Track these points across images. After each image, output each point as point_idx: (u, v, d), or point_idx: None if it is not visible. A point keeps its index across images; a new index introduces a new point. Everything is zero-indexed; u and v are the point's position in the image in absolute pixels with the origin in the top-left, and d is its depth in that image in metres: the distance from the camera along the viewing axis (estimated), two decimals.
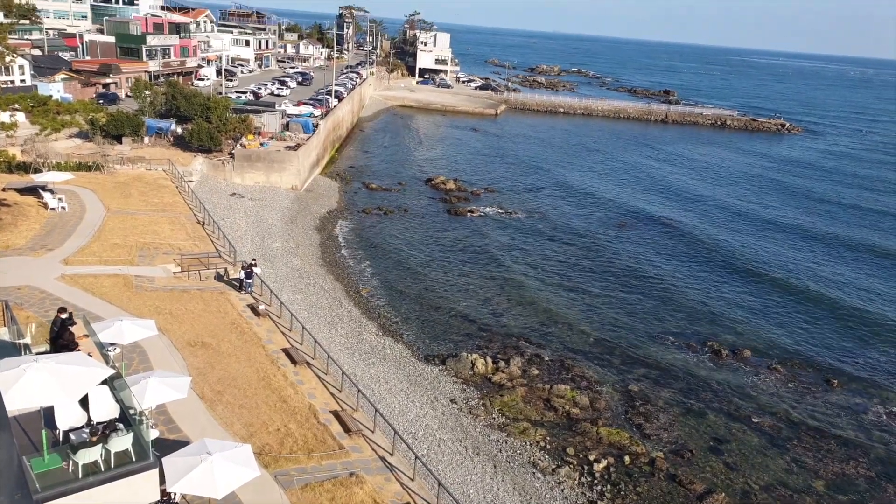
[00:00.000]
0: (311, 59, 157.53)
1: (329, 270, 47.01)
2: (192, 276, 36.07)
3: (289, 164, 61.52)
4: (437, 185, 73.22)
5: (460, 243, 56.38)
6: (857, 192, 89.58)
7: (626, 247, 59.25)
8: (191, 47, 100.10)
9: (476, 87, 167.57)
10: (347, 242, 53.75)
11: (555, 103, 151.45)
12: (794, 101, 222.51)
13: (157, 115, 65.70)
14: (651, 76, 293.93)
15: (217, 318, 31.70)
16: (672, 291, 50.05)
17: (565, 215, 67.38)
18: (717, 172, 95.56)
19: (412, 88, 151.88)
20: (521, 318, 43.29)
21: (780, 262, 58.43)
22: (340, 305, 41.16)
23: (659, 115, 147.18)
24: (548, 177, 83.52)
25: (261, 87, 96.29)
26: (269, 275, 40.84)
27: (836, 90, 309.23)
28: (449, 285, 47.41)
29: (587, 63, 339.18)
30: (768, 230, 67.87)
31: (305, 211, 58.09)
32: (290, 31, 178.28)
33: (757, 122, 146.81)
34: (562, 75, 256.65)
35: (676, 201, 76.92)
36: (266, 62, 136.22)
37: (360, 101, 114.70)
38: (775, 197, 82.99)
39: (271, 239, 48.93)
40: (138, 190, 49.20)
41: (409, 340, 38.75)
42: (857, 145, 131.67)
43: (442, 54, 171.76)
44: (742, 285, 52.43)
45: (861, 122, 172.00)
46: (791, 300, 50.25)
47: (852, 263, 59.83)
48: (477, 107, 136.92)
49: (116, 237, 39.63)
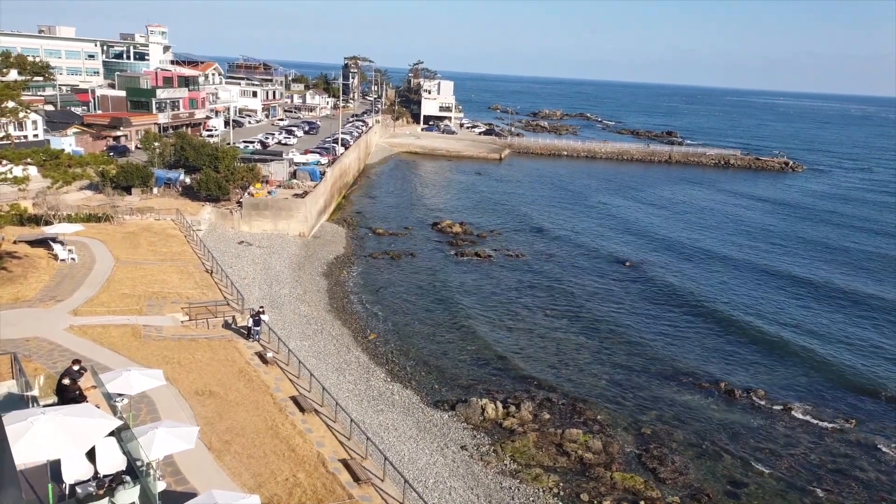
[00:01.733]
0: (318, 109, 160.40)
1: (337, 316, 46.92)
2: (201, 325, 36.04)
3: (296, 211, 62.09)
4: (443, 229, 73.59)
5: (468, 286, 56.31)
6: (866, 235, 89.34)
7: (635, 287, 59.01)
8: (199, 99, 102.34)
9: (480, 132, 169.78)
10: (355, 287, 53.78)
11: (558, 146, 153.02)
12: (796, 140, 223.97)
13: (165, 166, 66.78)
14: (653, 118, 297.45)
15: (225, 366, 31.54)
16: (682, 332, 49.59)
17: (572, 256, 67.37)
18: (723, 213, 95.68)
19: (417, 135, 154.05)
20: (531, 360, 42.87)
21: (790, 304, 57.97)
22: (348, 351, 40.94)
23: (662, 155, 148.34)
24: (553, 219, 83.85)
25: (268, 137, 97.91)
26: (277, 322, 40.76)
27: (838, 128, 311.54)
28: (457, 329, 47.16)
29: (589, 107, 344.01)
30: (779, 272, 67.27)
31: (313, 257, 58.34)
32: (296, 82, 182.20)
33: (761, 161, 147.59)
34: (564, 119, 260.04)
35: (684, 242, 76.83)
36: (273, 112, 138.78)
37: (366, 149, 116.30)
38: (784, 238, 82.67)
39: (279, 286, 49.03)
40: (147, 240, 49.63)
41: (418, 386, 38.35)
42: (864, 183, 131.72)
43: (446, 101, 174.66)
44: (752, 326, 51.86)
45: (866, 160, 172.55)
46: (803, 340, 49.62)
47: (865, 305, 59.15)
48: (481, 151, 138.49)
49: (125, 287, 39.80)
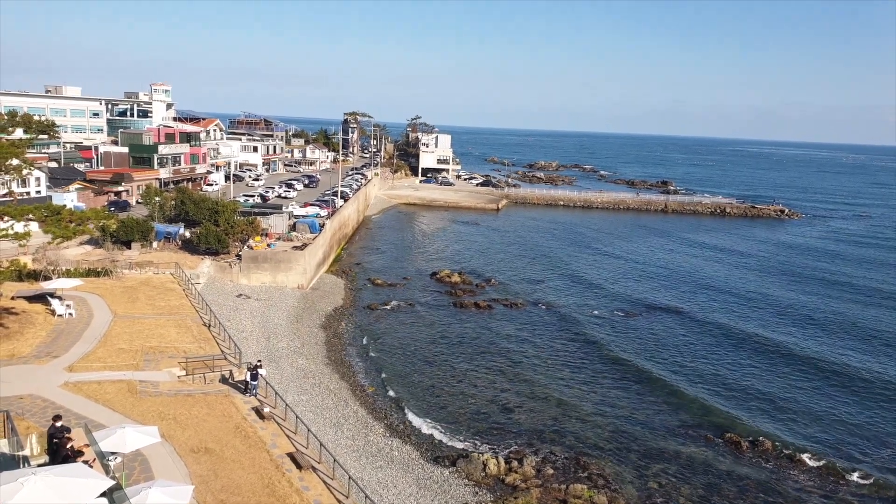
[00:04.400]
0: (318, 163, 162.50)
1: (335, 369, 46.38)
2: (197, 380, 35.61)
3: (295, 263, 62.16)
4: (442, 279, 73.52)
5: (467, 337, 55.88)
6: (866, 277, 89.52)
7: (635, 337, 58.59)
8: (200, 154, 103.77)
9: (477, 183, 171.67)
10: (353, 340, 53.35)
11: (554, 197, 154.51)
12: (791, 188, 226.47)
13: (166, 220, 67.18)
14: (647, 168, 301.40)
15: (221, 422, 31.00)
16: (685, 381, 48.98)
17: (571, 306, 67.11)
18: (721, 260, 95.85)
19: (415, 187, 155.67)
20: (532, 413, 42.18)
21: (794, 351, 57.49)
22: (346, 405, 40.31)
23: (658, 205, 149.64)
24: (551, 268, 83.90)
25: (268, 191, 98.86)
26: (275, 376, 40.28)
27: (831, 176, 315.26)
28: (457, 381, 46.56)
29: (584, 158, 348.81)
30: (780, 318, 67.03)
31: (311, 309, 58.08)
32: (297, 137, 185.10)
33: (757, 209, 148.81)
34: (560, 170, 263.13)
35: (682, 291, 76.70)
36: (273, 166, 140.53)
37: (365, 201, 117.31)
38: (783, 284, 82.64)
39: (277, 339, 48.64)
40: (145, 294, 49.51)
41: (418, 441, 37.60)
42: (861, 230, 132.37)
43: (443, 154, 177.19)
44: (756, 375, 51.32)
45: (861, 207, 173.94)
46: (809, 388, 49.03)
47: (870, 350, 58.73)
48: (479, 202, 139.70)
49: (122, 342, 39.48)
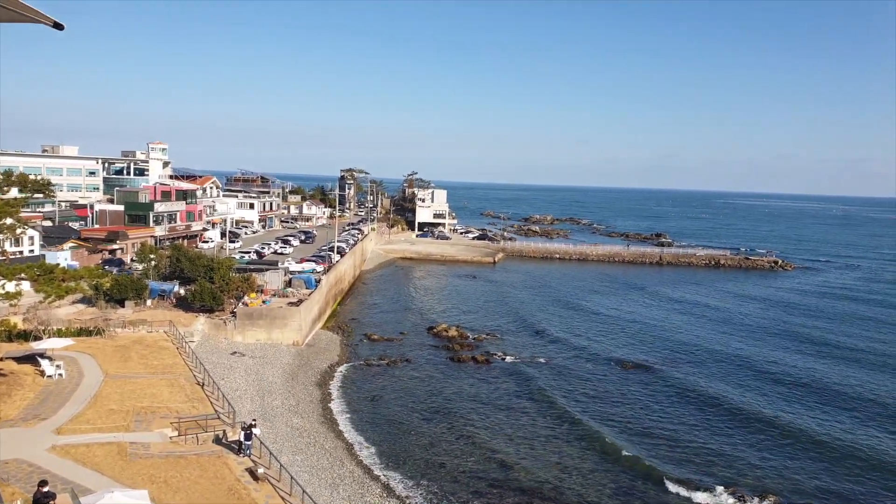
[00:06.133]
0: (314, 219, 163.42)
1: (330, 428, 45.44)
2: (190, 440, 34.74)
3: (290, 319, 61.67)
4: (439, 333, 72.91)
5: (465, 392, 55.01)
6: (859, 331, 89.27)
7: (634, 389, 57.78)
8: (196, 212, 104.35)
9: (473, 237, 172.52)
10: (349, 397, 52.44)
11: (550, 250, 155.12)
12: (784, 239, 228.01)
13: (160, 278, 66.92)
14: (641, 221, 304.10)
15: (214, 484, 30.09)
16: (685, 433, 48.09)
17: (570, 359, 66.41)
18: (717, 313, 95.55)
19: (412, 241, 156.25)
20: (532, 470, 41.15)
21: (795, 403, 56.75)
22: (342, 465, 39.30)
23: (653, 257, 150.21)
24: (548, 321, 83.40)
25: (264, 247, 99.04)
26: (269, 435, 39.41)
27: (823, 227, 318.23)
28: (455, 438, 45.57)
29: (578, 212, 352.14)
30: (774, 374, 66.00)
31: (307, 366, 57.31)
32: (293, 194, 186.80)
33: (751, 261, 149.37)
34: (555, 224, 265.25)
35: (681, 342, 76.16)
36: (270, 223, 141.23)
37: (361, 255, 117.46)
38: (768, 343, 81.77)
39: (271, 397, 47.79)
40: (138, 353, 48.84)
41: (415, 501, 36.57)
42: (851, 281, 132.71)
43: (440, 209, 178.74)
44: (756, 430, 50.42)
45: (851, 258, 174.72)
46: (807, 443, 48.10)
47: (862, 405, 57.88)
48: (475, 256, 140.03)
49: (113, 402, 38.68)
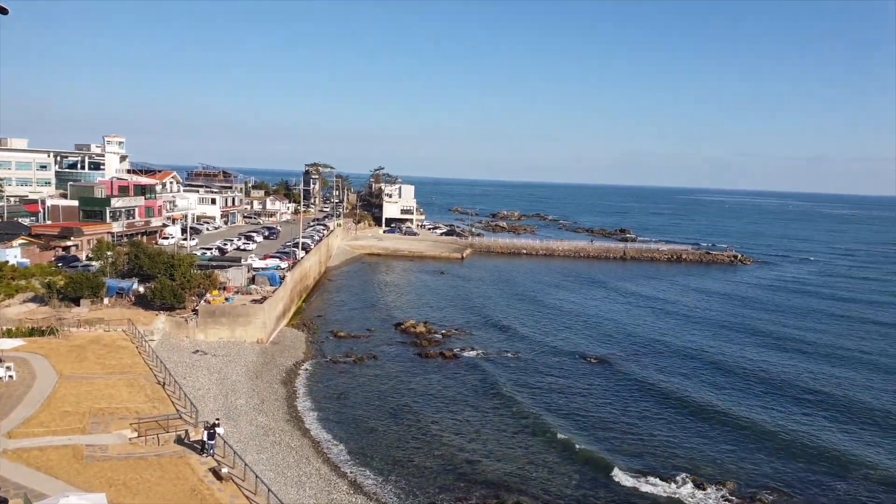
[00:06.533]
0: (279, 214, 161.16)
1: (296, 426, 44.82)
2: (150, 441, 33.83)
3: (254, 317, 60.64)
4: (406, 329, 72.56)
5: (433, 388, 54.85)
6: (811, 324, 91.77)
7: (598, 382, 58.36)
8: (156, 207, 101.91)
9: (441, 233, 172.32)
10: (315, 394, 51.81)
11: (517, 245, 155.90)
12: (743, 234, 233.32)
13: (118, 275, 65.10)
14: (606, 217, 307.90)
15: (176, 485, 29.35)
16: (647, 424, 48.81)
17: (537, 353, 66.77)
18: (678, 308, 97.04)
19: (379, 237, 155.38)
20: (499, 462, 41.25)
21: (752, 393, 58.01)
22: (308, 463, 38.80)
23: (617, 252, 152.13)
24: (515, 317, 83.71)
25: (226, 243, 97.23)
26: (233, 434, 38.68)
27: (780, 223, 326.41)
28: (422, 433, 45.38)
29: (545, 207, 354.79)
30: (730, 367, 66.67)
31: (271, 364, 56.43)
32: (257, 189, 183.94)
33: (711, 255, 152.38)
34: (522, 219, 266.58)
35: (644, 336, 77.21)
36: (233, 218, 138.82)
37: (327, 252, 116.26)
38: (734, 331, 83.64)
39: (235, 396, 46.93)
40: (95, 353, 47.40)
41: (383, 497, 36.37)
42: (806, 275, 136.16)
43: (407, 204, 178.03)
44: (716, 415, 51.40)
45: (806, 252, 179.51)
46: (765, 426, 49.23)
47: (812, 396, 59.32)
48: (443, 251, 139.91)
49: (68, 404, 37.46)
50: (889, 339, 78.35)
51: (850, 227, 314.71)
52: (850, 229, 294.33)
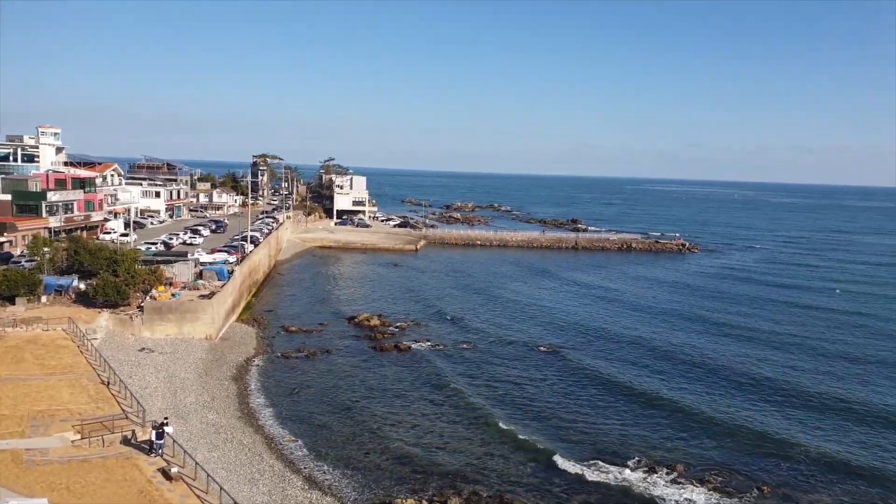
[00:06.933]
0: (226, 207, 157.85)
1: (248, 422, 44.02)
2: (95, 443, 32.70)
3: (202, 313, 59.20)
4: (360, 323, 72.01)
5: (387, 380, 54.64)
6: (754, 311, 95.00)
7: (552, 371, 59.15)
8: (96, 201, 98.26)
9: (395, 225, 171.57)
10: (267, 390, 50.96)
11: (471, 237, 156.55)
12: (691, 223, 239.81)
13: (56, 272, 62.54)
14: (558, 207, 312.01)
15: (122, 487, 28.46)
16: (599, 412, 49.78)
17: (492, 344, 67.23)
18: (627, 297, 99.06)
19: (331, 229, 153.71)
20: (456, 453, 41.41)
21: (693, 385, 59.62)
22: (262, 459, 38.17)
23: (569, 242, 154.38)
24: (470, 308, 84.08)
25: (172, 238, 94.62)
26: (183, 433, 37.77)
27: (726, 212, 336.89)
28: (378, 426, 45.18)
29: (498, 199, 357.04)
30: (676, 355, 67.93)
31: (221, 360, 55.24)
32: (202, 181, 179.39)
33: (660, 244, 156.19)
34: (476, 210, 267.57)
35: (595, 325, 78.61)
36: (178, 212, 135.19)
37: (277, 245, 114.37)
38: (682, 319, 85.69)
39: (184, 393, 45.80)
40: (33, 353, 45.50)
41: (339, 492, 36.05)
42: (754, 263, 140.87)
43: (359, 196, 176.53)
44: (664, 401, 52.76)
45: (750, 240, 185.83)
46: (709, 412, 50.81)
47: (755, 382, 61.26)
48: (397, 243, 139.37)
49: (4, 407, 35.87)
50: (827, 324, 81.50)
51: (791, 215, 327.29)
52: (792, 217, 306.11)
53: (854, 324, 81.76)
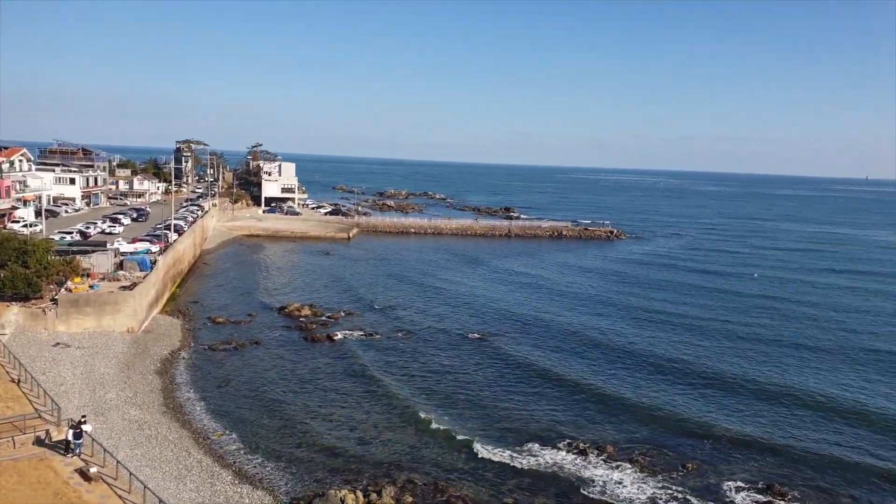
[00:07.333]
0: (147, 195, 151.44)
1: (174, 417, 42.48)
2: (4, 445, 30.83)
3: (123, 305, 56.61)
4: (291, 313, 70.59)
5: (320, 371, 53.86)
6: (678, 296, 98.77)
7: (484, 358, 59.69)
8: (3, 188, 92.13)
9: (326, 212, 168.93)
10: (194, 384, 49.30)
11: (405, 224, 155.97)
12: (620, 210, 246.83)
13: None
14: (492, 195, 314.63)
15: (36, 490, 26.94)
16: (531, 397, 50.68)
17: (425, 332, 67.25)
18: (556, 284, 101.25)
19: (259, 217, 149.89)
20: (390, 443, 41.30)
21: (617, 370, 61.57)
22: (189, 455, 36.94)
23: (503, 230, 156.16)
24: (405, 296, 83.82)
25: (89, 227, 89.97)
26: (103, 431, 36.17)
27: (652, 199, 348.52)
28: (310, 418, 44.50)
29: (432, 186, 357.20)
30: (601, 342, 70.55)
31: (144, 354, 53.04)
32: (122, 167, 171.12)
33: (590, 231, 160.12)
34: (410, 198, 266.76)
35: (525, 312, 79.86)
36: (96, 200, 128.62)
37: (202, 234, 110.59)
38: (609, 306, 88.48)
39: (104, 389, 43.75)
40: None
41: (270, 485, 35.33)
42: (679, 250, 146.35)
43: (288, 183, 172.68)
44: (591, 386, 54.25)
45: (677, 227, 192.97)
46: (633, 395, 52.65)
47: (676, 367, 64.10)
48: (328, 232, 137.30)
49: None
50: (745, 309, 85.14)
51: (714, 202, 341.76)
52: (714, 205, 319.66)
53: (769, 307, 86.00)
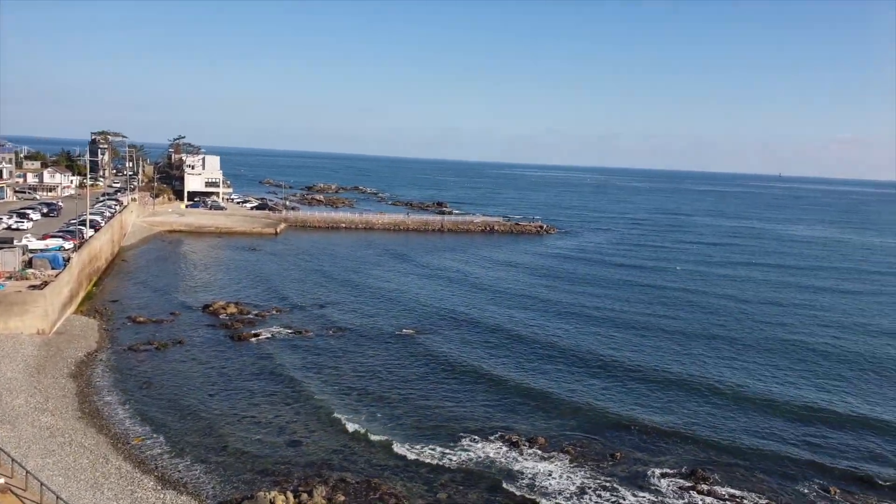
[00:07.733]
0: (60, 189, 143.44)
1: (90, 423, 40.43)
2: None
3: (32, 305, 53.39)
4: (216, 311, 68.40)
5: (247, 371, 52.44)
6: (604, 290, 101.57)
7: (414, 358, 59.23)
8: None
9: (252, 207, 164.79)
10: (112, 387, 47.06)
11: (335, 219, 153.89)
12: (548, 206, 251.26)
13: None
14: (424, 190, 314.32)
15: None
16: (462, 393, 51.09)
17: (355, 329, 66.54)
18: (485, 280, 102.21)
19: (181, 212, 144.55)
20: (320, 442, 40.70)
21: (542, 365, 62.83)
22: (106, 462, 35.25)
23: (435, 225, 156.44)
24: (335, 293, 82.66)
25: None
26: (11, 440, 34.14)
27: (580, 195, 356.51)
28: (237, 419, 43.25)
29: (363, 180, 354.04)
30: (526, 337, 70.65)
31: (57, 357, 50.19)
32: (30, 159, 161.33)
33: (520, 226, 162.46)
34: (340, 192, 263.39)
35: (456, 308, 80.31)
36: (1, 194, 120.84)
37: (121, 229, 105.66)
38: (535, 300, 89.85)
39: (11, 396, 41.21)
40: None
41: (196, 489, 34.22)
42: (606, 244, 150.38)
43: (212, 176, 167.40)
44: (520, 381, 55.13)
45: (603, 222, 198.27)
46: (561, 389, 53.86)
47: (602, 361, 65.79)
48: (255, 227, 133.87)
49: None
50: (666, 302, 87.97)
51: (638, 198, 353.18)
52: (639, 200, 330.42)
53: (690, 301, 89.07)
